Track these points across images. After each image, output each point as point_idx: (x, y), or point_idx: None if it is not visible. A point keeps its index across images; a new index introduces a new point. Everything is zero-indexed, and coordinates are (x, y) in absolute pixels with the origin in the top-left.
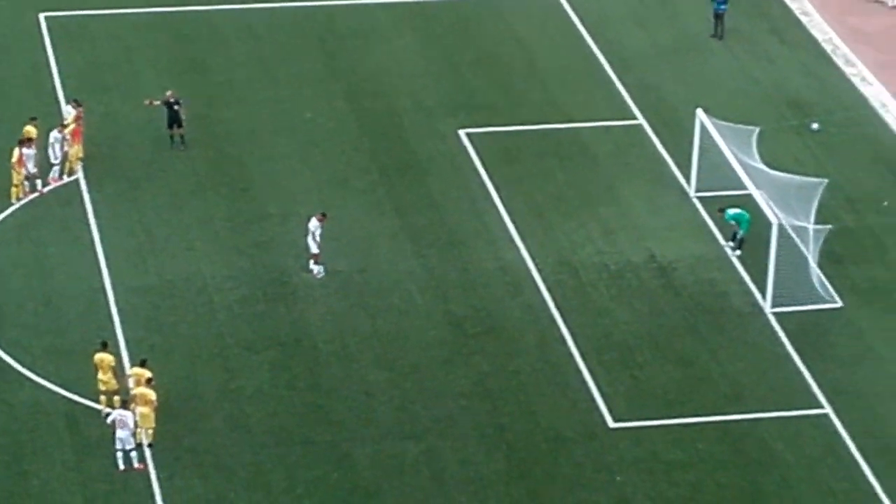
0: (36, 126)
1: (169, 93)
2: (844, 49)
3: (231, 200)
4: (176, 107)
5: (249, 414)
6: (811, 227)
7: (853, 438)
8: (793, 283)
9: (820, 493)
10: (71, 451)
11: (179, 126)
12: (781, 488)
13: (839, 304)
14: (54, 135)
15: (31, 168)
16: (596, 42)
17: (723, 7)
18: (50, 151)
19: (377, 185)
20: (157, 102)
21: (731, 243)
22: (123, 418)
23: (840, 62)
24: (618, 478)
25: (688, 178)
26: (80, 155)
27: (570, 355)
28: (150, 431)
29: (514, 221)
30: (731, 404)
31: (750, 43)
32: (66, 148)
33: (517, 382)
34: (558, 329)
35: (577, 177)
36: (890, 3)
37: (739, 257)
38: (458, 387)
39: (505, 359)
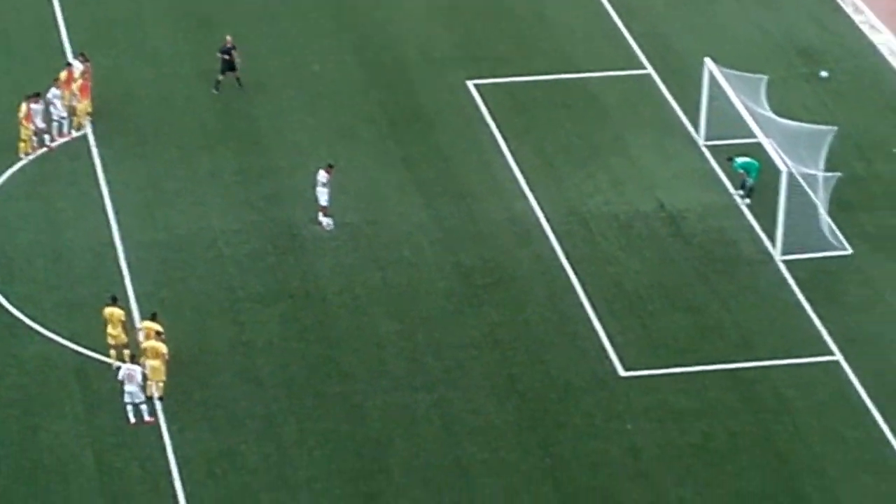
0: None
1: (228, 38)
2: None
3: (240, 154)
4: (233, 52)
5: (260, 366)
6: (820, 174)
7: (864, 385)
8: (802, 230)
9: (831, 439)
10: (81, 405)
11: (233, 70)
12: (792, 435)
13: (849, 251)
14: (53, 91)
15: (40, 123)
16: None
17: None
18: (51, 108)
19: (385, 137)
20: (219, 55)
21: (741, 192)
22: (132, 372)
23: (849, 9)
24: (628, 426)
25: (696, 127)
26: (89, 110)
27: (580, 305)
28: (161, 384)
29: (523, 172)
30: (742, 352)
31: None
32: (74, 103)
33: (527, 332)
34: (568, 279)
35: (585, 127)
36: None
37: (749, 205)
38: (469, 337)
39: (515, 309)
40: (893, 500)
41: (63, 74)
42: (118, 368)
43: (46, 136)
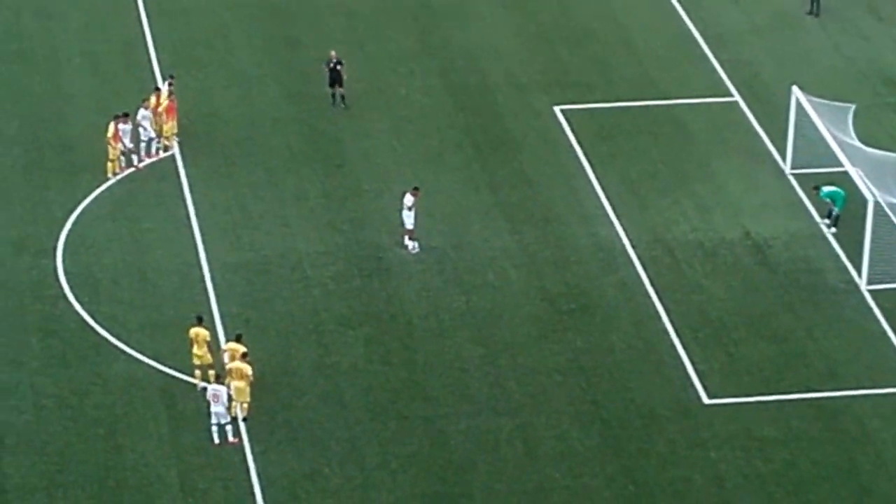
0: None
1: (332, 53)
2: None
3: (325, 176)
4: (338, 67)
5: (344, 389)
6: None
7: None
8: (888, 260)
9: None
10: (166, 425)
11: (340, 85)
12: (876, 466)
13: None
14: (142, 112)
15: (128, 143)
16: (691, 18)
17: None
18: (140, 130)
19: (471, 161)
20: (326, 69)
21: (827, 220)
22: (218, 393)
23: None
24: (712, 455)
25: (783, 155)
26: (175, 131)
27: (665, 332)
28: (245, 406)
29: (608, 198)
30: (827, 381)
31: (845, 20)
32: (158, 124)
33: (611, 359)
34: (653, 306)
35: (671, 153)
36: None
37: (835, 234)
38: (553, 363)
39: (599, 335)
40: None
41: (152, 100)
42: (204, 389)
43: (134, 157)
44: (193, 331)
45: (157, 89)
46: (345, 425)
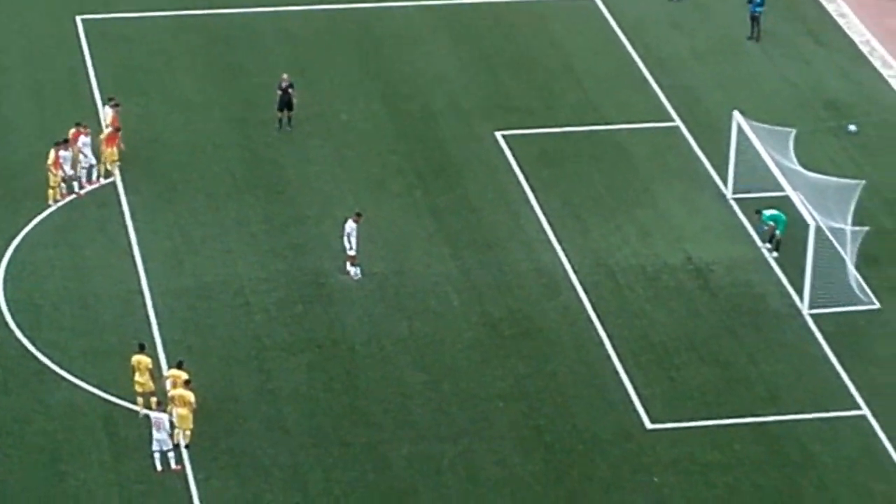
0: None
1: (284, 76)
2: (882, 51)
3: (267, 203)
4: (290, 90)
5: (286, 415)
6: (848, 228)
7: (891, 440)
8: (830, 284)
9: (858, 494)
10: (108, 452)
11: (290, 109)
12: (819, 490)
13: (877, 305)
14: (82, 139)
15: (68, 170)
16: (632, 44)
17: (759, 9)
18: (81, 156)
19: (413, 188)
20: (278, 91)
21: (769, 245)
22: (160, 420)
23: (877, 63)
24: (655, 479)
25: (725, 180)
26: (115, 158)
27: (608, 357)
28: (188, 433)
29: (550, 223)
30: (769, 405)
31: (787, 45)
32: (101, 149)
33: (554, 384)
34: (595, 331)
35: (613, 179)
36: None
37: (777, 259)
38: (495, 388)
39: (542, 360)
40: None
41: (109, 117)
42: (145, 416)
43: (75, 184)
44: (135, 358)
45: (116, 105)
46: (287, 451)
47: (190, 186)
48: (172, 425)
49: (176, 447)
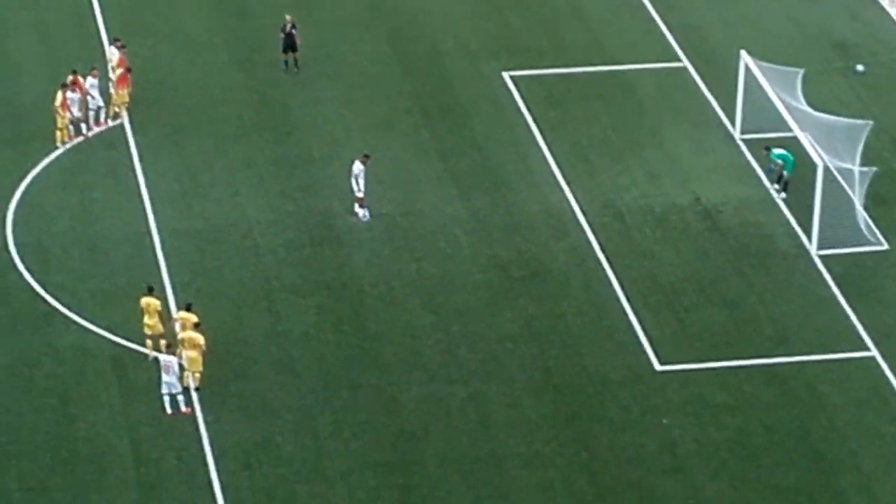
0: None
1: (288, 17)
2: None
3: (275, 144)
4: (293, 31)
5: (296, 358)
6: (857, 168)
7: None
8: (838, 225)
9: (867, 435)
10: (118, 395)
11: (294, 51)
12: (828, 431)
13: (885, 246)
14: (90, 80)
15: (76, 112)
16: None
17: None
18: (88, 98)
19: (421, 128)
20: (281, 34)
21: (777, 185)
22: (169, 363)
23: (885, 3)
24: (664, 421)
25: (732, 121)
26: (125, 100)
27: (616, 298)
28: (198, 375)
29: (558, 165)
30: (778, 347)
31: None
32: (112, 91)
33: (563, 325)
34: (604, 272)
35: (621, 120)
36: None
37: (785, 199)
38: (504, 330)
39: (551, 302)
40: None
41: (115, 59)
42: (154, 358)
43: (83, 125)
44: (144, 300)
45: (123, 47)
46: (297, 394)
47: (197, 128)
48: (182, 368)
49: (185, 390)
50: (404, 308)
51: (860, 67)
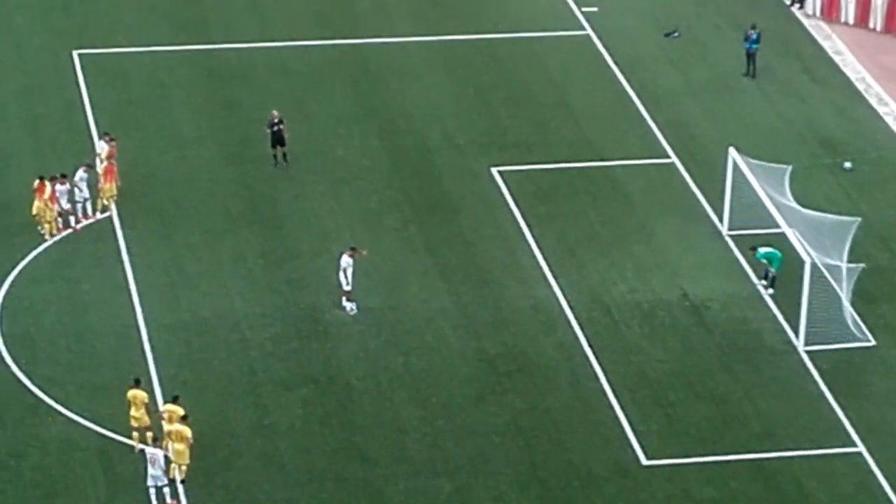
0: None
1: (274, 112)
2: (877, 88)
3: (263, 238)
4: (280, 126)
5: (282, 451)
6: (844, 265)
7: (886, 477)
8: (826, 321)
9: None
10: (104, 488)
11: (282, 145)
12: None
13: (872, 342)
14: (80, 173)
15: (65, 204)
16: (628, 80)
17: (755, 46)
18: (76, 190)
19: (409, 223)
20: (267, 130)
21: (764, 282)
22: (155, 456)
23: (873, 101)
24: None
25: (720, 217)
26: (114, 193)
27: (603, 393)
28: (184, 467)
29: (546, 259)
30: (765, 442)
31: (782, 82)
32: (100, 184)
33: (550, 420)
34: (591, 367)
35: (609, 215)
36: None
37: (772, 296)
38: (491, 424)
39: (537, 396)
40: None
41: (105, 150)
42: (141, 451)
43: (71, 218)
44: (131, 393)
45: (112, 140)
46: (283, 487)
47: (186, 221)
48: (168, 461)
49: (172, 482)
50: (391, 402)
51: (848, 164)
